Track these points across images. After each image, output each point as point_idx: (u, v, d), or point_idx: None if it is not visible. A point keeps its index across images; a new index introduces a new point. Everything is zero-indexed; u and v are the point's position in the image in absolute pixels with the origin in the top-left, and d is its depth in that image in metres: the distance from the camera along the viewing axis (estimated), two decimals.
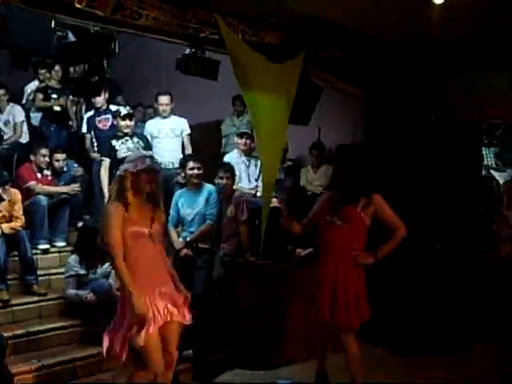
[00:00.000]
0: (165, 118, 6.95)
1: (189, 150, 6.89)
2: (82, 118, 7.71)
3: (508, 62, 5.91)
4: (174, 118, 6.99)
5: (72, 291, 5.33)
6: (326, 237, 4.32)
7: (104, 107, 7.21)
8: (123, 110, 6.53)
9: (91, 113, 7.33)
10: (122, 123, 6.41)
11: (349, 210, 4.21)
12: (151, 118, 7.40)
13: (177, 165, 6.75)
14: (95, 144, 7.12)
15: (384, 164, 6.12)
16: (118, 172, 3.81)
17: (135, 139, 6.45)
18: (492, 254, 6.73)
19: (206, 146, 7.47)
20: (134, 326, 3.57)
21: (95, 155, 6.98)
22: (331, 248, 4.27)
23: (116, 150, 6.36)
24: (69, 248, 6.17)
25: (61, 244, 6.31)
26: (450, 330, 5.91)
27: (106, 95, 7.21)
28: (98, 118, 7.21)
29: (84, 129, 7.37)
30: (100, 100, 7.11)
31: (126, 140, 6.40)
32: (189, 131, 6.99)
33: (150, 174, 3.71)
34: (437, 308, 5.88)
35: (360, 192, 4.20)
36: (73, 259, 5.46)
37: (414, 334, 5.76)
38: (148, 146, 6.57)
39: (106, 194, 6.28)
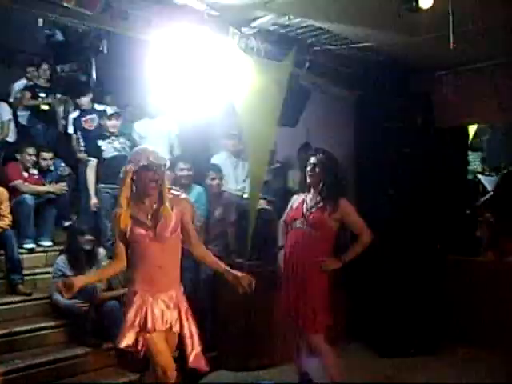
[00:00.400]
0: (153, 117, 6.93)
1: (177, 151, 6.88)
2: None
3: (494, 67, 5.98)
4: (162, 118, 6.96)
5: (60, 298, 5.18)
6: (293, 241, 4.37)
7: (89, 107, 7.20)
8: (109, 110, 6.51)
9: (77, 113, 7.33)
10: (109, 123, 6.39)
11: (317, 215, 4.28)
12: (140, 118, 7.37)
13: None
14: (82, 144, 7.10)
15: (372, 167, 6.18)
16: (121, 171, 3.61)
17: (122, 139, 6.43)
18: (477, 258, 6.77)
19: (194, 147, 7.45)
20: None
21: (82, 155, 6.95)
22: (297, 252, 4.32)
23: (102, 150, 6.33)
24: (55, 247, 6.15)
25: (47, 243, 6.27)
26: (435, 332, 5.96)
27: (91, 95, 7.19)
28: (83, 119, 7.20)
29: (70, 129, 7.35)
30: (85, 100, 7.11)
31: (113, 140, 6.38)
32: (177, 132, 6.97)
33: (153, 171, 3.44)
34: (422, 310, 5.93)
35: (329, 196, 4.28)
36: (61, 260, 5.43)
37: (401, 336, 5.81)
38: (135, 145, 6.52)
39: (92, 194, 6.28)
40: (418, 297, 5.94)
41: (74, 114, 7.36)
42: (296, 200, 4.53)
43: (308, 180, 4.44)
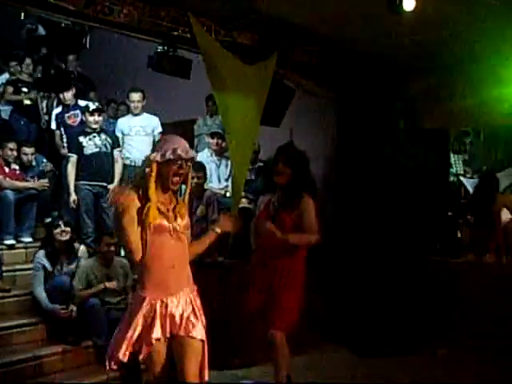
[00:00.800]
0: (136, 115, 6.91)
1: None
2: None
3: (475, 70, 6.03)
4: (145, 115, 6.95)
5: (42, 300, 5.16)
6: (263, 242, 4.19)
7: (72, 103, 7.14)
8: (92, 105, 6.46)
9: (59, 109, 7.25)
10: (91, 118, 6.35)
11: (283, 216, 4.06)
12: (124, 115, 7.35)
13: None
14: (65, 140, 7.05)
15: (354, 167, 6.22)
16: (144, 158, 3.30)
17: (103, 136, 6.39)
18: (457, 259, 6.83)
19: None
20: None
21: (64, 151, 6.91)
22: (267, 254, 4.15)
23: (83, 147, 6.29)
24: (35, 244, 6.09)
25: (27, 240, 6.22)
26: (415, 333, 6.00)
27: (74, 90, 7.12)
28: (66, 115, 7.13)
29: (53, 125, 7.28)
30: (68, 96, 7.03)
31: (94, 136, 6.33)
32: (160, 129, 6.95)
33: (178, 165, 3.15)
34: (401, 311, 5.96)
35: (295, 195, 4.04)
36: (41, 254, 5.39)
37: (380, 337, 5.83)
38: (117, 143, 6.52)
39: (72, 191, 6.24)
40: (397, 298, 5.97)
41: (57, 110, 7.30)
42: (263, 201, 4.31)
43: (274, 179, 4.10)
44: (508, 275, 6.20)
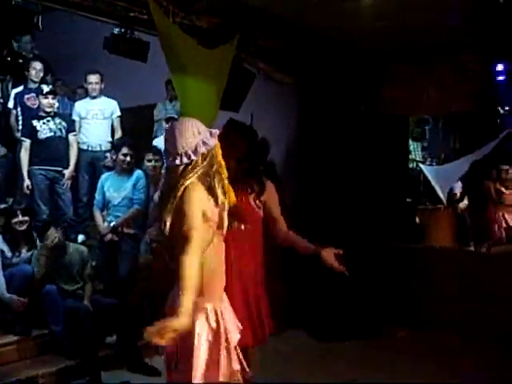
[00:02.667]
0: (94, 98, 6.75)
1: (118, 133, 6.74)
2: (8, 96, 7.36)
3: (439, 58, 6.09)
4: (103, 99, 6.79)
5: (2, 290, 4.89)
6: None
7: (35, 85, 6.86)
8: (45, 88, 6.26)
9: (20, 88, 6.92)
10: (45, 101, 6.15)
11: (242, 204, 3.23)
12: (81, 98, 7.16)
13: (104, 147, 6.60)
14: (20, 122, 6.80)
15: (314, 153, 6.22)
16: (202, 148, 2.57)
17: (57, 120, 6.20)
18: (415, 244, 6.93)
19: (137, 130, 7.33)
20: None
21: (18, 135, 6.69)
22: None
23: (37, 131, 6.10)
24: None
25: None
26: (373, 317, 6.07)
27: (41, 72, 6.82)
28: (26, 96, 6.82)
29: (10, 104, 6.98)
30: (33, 74, 6.75)
31: (48, 120, 6.15)
32: (119, 113, 6.81)
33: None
34: (360, 295, 6.02)
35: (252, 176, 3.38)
36: None
37: (338, 321, 5.88)
38: (72, 127, 6.36)
39: (25, 176, 6.07)
40: (358, 283, 6.01)
41: (18, 89, 6.93)
42: None
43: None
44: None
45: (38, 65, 6.76)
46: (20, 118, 6.79)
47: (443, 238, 7.63)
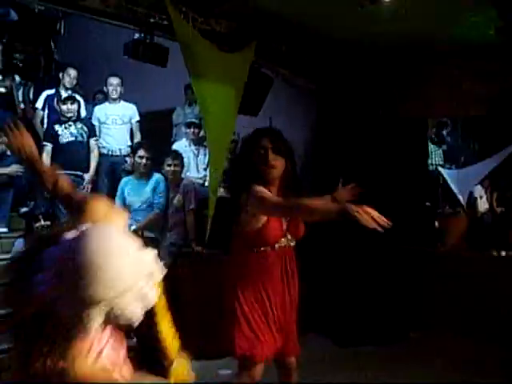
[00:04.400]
0: (114, 102, 6.82)
1: (137, 138, 6.80)
2: (30, 102, 7.46)
3: (453, 59, 6.06)
4: (123, 103, 6.87)
5: None
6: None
7: (71, 87, 6.89)
8: (63, 93, 6.35)
9: (52, 91, 6.97)
10: (64, 107, 6.24)
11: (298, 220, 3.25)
12: (101, 102, 7.24)
13: (124, 152, 6.66)
14: (45, 126, 6.86)
15: (333, 156, 6.21)
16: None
17: (79, 125, 6.30)
18: (435, 249, 6.89)
19: (156, 134, 7.38)
20: None
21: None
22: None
23: (59, 135, 6.19)
24: (10, 234, 5.99)
25: (2, 230, 6.10)
26: (394, 322, 6.04)
27: (75, 80, 6.86)
28: (56, 100, 6.90)
29: (39, 104, 7.00)
30: (67, 81, 6.82)
31: (70, 125, 6.24)
32: (138, 118, 6.88)
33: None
34: (381, 301, 5.99)
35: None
36: (21, 242, 5.30)
37: (358, 326, 5.86)
38: (93, 132, 6.44)
39: None
40: (375, 287, 6.00)
41: (50, 91, 6.99)
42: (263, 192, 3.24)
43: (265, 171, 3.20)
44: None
45: (72, 71, 6.84)
46: (46, 120, 6.87)
47: (462, 242, 7.57)
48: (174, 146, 6.60)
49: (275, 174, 3.08)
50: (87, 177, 6.30)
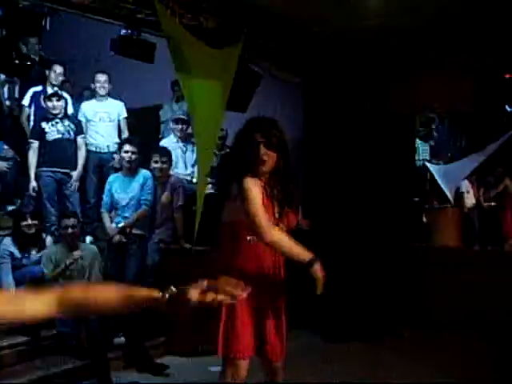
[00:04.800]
0: (101, 99, 6.76)
1: (125, 134, 6.75)
2: (15, 99, 7.38)
3: (441, 55, 6.08)
4: (110, 100, 6.81)
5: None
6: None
7: (58, 83, 6.81)
8: (50, 90, 6.29)
9: (39, 88, 6.86)
10: (50, 104, 6.19)
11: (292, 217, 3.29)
12: (88, 99, 7.18)
13: (112, 149, 6.61)
14: (31, 123, 6.80)
15: (320, 151, 6.22)
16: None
17: (66, 122, 6.23)
18: (423, 244, 6.93)
19: (144, 130, 7.35)
20: None
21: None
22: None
23: (46, 133, 6.13)
24: None
25: None
26: (381, 318, 6.06)
27: (61, 76, 6.74)
28: (43, 97, 6.80)
29: (26, 101, 6.90)
30: (53, 77, 6.70)
31: (56, 122, 6.17)
32: (125, 115, 6.83)
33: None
34: (368, 296, 6.02)
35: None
36: (8, 240, 5.25)
37: (346, 322, 5.88)
38: (80, 129, 6.39)
39: (32, 178, 6.09)
40: (367, 284, 6.02)
41: (36, 88, 6.87)
42: (256, 184, 3.10)
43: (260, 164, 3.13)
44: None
45: (58, 68, 6.78)
46: (32, 118, 6.80)
47: (450, 238, 7.62)
48: (162, 143, 6.58)
49: (265, 169, 3.02)
50: (75, 174, 6.25)
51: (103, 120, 6.73)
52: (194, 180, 6.29)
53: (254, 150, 2.99)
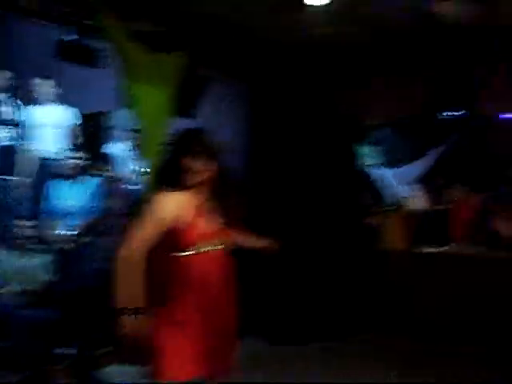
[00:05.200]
0: (47, 106, 6.65)
1: (72, 141, 6.65)
2: None
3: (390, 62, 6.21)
4: (56, 106, 6.70)
5: None
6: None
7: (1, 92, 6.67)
8: None
9: None
10: None
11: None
12: (32, 104, 7.03)
13: (58, 156, 6.49)
14: None
15: (267, 158, 6.26)
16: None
17: (11, 128, 6.12)
18: (372, 247, 7.03)
19: (90, 137, 7.25)
20: None
21: None
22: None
23: None
24: None
25: None
26: (330, 321, 6.12)
27: (6, 80, 6.63)
28: None
29: None
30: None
31: (1, 128, 6.07)
32: (72, 121, 6.73)
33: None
34: (317, 298, 6.07)
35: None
36: None
37: (292, 324, 5.91)
38: (26, 135, 6.27)
39: None
40: (318, 288, 6.06)
41: None
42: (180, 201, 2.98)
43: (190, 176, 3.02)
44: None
45: (6, 73, 6.63)
46: None
47: (398, 240, 7.74)
48: (109, 149, 6.51)
49: (194, 180, 2.88)
50: (19, 181, 6.13)
51: (49, 126, 6.61)
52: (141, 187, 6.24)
53: (182, 161, 2.87)
